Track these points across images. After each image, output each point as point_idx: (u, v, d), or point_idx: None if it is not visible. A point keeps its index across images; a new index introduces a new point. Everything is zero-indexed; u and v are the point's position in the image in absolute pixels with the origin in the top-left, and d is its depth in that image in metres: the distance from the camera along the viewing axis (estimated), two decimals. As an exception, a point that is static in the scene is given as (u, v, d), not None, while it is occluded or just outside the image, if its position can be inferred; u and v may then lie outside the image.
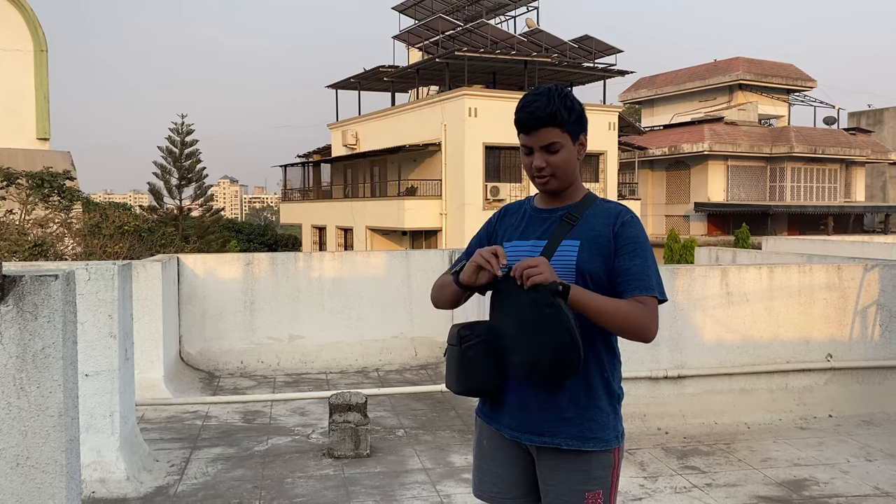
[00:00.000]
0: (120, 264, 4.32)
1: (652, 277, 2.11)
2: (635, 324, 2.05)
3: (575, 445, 2.09)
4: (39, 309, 2.48)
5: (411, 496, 4.34)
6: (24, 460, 2.49)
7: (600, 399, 2.12)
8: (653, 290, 2.10)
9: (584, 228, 2.15)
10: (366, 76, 32.10)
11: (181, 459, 4.94)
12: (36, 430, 2.50)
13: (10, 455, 2.48)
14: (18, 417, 2.48)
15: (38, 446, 2.50)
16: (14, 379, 2.47)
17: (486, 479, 2.30)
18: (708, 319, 5.88)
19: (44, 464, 2.51)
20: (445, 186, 26.96)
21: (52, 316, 2.50)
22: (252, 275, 7.91)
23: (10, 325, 2.47)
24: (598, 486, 2.11)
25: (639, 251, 2.12)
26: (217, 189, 62.94)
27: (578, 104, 2.18)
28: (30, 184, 16.62)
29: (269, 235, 38.68)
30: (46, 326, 2.49)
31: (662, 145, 36.78)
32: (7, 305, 2.45)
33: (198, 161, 32.12)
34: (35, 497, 2.51)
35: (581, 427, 2.09)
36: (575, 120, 2.16)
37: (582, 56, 30.25)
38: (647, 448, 5.20)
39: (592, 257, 2.11)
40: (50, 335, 2.50)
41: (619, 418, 2.17)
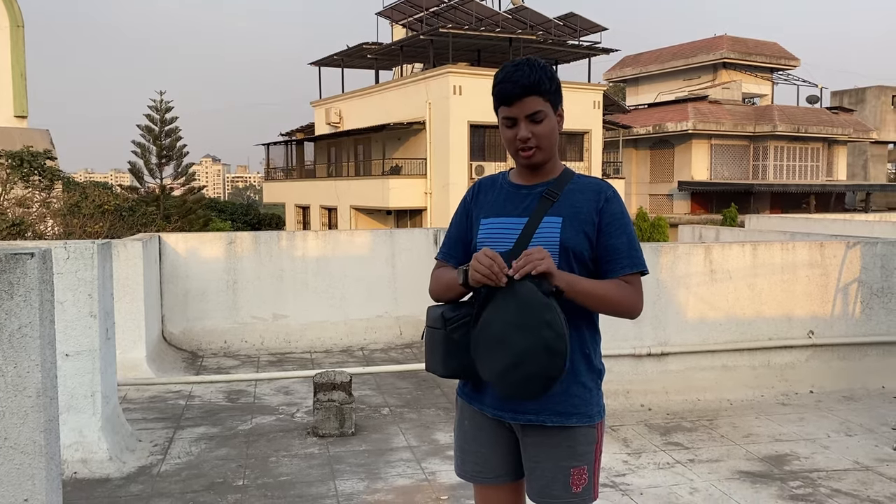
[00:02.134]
0: (99, 243, 4.25)
1: (638, 253, 2.13)
2: (625, 305, 2.09)
3: (559, 422, 2.09)
4: (15, 288, 2.44)
5: (396, 474, 4.34)
6: (2, 441, 2.46)
7: (581, 374, 2.12)
8: (640, 266, 2.13)
9: (566, 205, 2.13)
10: (349, 53, 31.77)
11: (164, 439, 4.91)
12: (14, 411, 2.46)
13: (-12, 436, 2.44)
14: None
15: (16, 427, 2.46)
16: (-10, 359, 2.43)
17: (468, 459, 2.28)
18: (691, 297, 5.90)
19: (22, 444, 2.47)
20: (430, 165, 26.85)
21: (28, 295, 2.45)
22: (235, 254, 7.84)
23: (-16, 304, 2.42)
24: (583, 461, 2.12)
25: (624, 227, 2.13)
26: (199, 168, 62.32)
27: (556, 76, 2.18)
28: (10, 163, 16.37)
29: (253, 215, 38.43)
30: (23, 305, 2.45)
31: (647, 124, 36.82)
32: (-19, 284, 2.40)
33: (178, 139, 31.77)
34: (14, 478, 2.48)
35: (564, 403, 2.09)
36: (555, 90, 2.15)
37: (567, 34, 30.10)
38: (631, 425, 5.23)
39: (575, 234, 2.09)
40: (26, 314, 2.45)
41: (601, 394, 2.18)
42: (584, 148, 28.81)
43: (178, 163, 31.88)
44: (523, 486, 2.28)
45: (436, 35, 26.94)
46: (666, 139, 36.73)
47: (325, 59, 33.21)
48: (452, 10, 28.73)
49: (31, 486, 2.49)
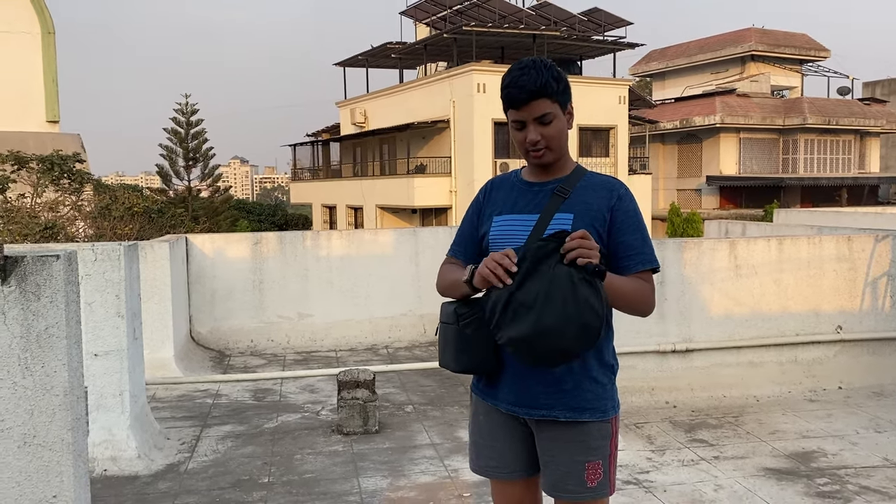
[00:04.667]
0: (126, 245, 4.33)
1: (650, 250, 2.15)
2: (644, 303, 2.12)
3: (572, 417, 2.11)
4: (42, 289, 2.49)
5: (419, 471, 4.37)
6: (30, 439, 2.52)
7: (593, 370, 2.12)
8: (654, 263, 2.14)
9: (577, 201, 2.14)
10: (373, 53, 31.88)
11: (192, 437, 4.99)
12: (42, 409, 2.52)
13: (17, 434, 2.50)
14: (24, 397, 2.50)
15: (44, 425, 2.53)
16: (19, 359, 2.49)
17: (483, 454, 2.30)
18: (716, 292, 5.85)
19: (51, 442, 2.53)
20: (455, 163, 26.87)
21: (54, 296, 2.51)
22: (261, 254, 7.93)
23: (13, 306, 2.48)
24: (598, 456, 2.12)
25: (637, 224, 2.15)
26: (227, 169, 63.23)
27: (564, 75, 2.17)
28: (40, 167, 16.70)
29: (280, 215, 38.76)
30: (49, 306, 2.50)
31: (674, 118, 36.44)
32: (10, 286, 2.47)
33: (204, 141, 32.12)
34: (43, 475, 2.54)
35: (577, 398, 2.10)
36: (563, 90, 2.15)
37: (591, 29, 29.91)
38: (655, 422, 5.20)
39: (587, 230, 2.06)
40: (53, 315, 2.51)
41: (614, 389, 2.19)
42: (609, 143, 28.62)
43: (205, 164, 32.25)
44: (538, 482, 2.29)
45: (459, 33, 26.94)
46: (693, 133, 36.33)
47: (350, 60, 33.37)
48: (476, 8, 28.69)
49: (60, 483, 2.55)
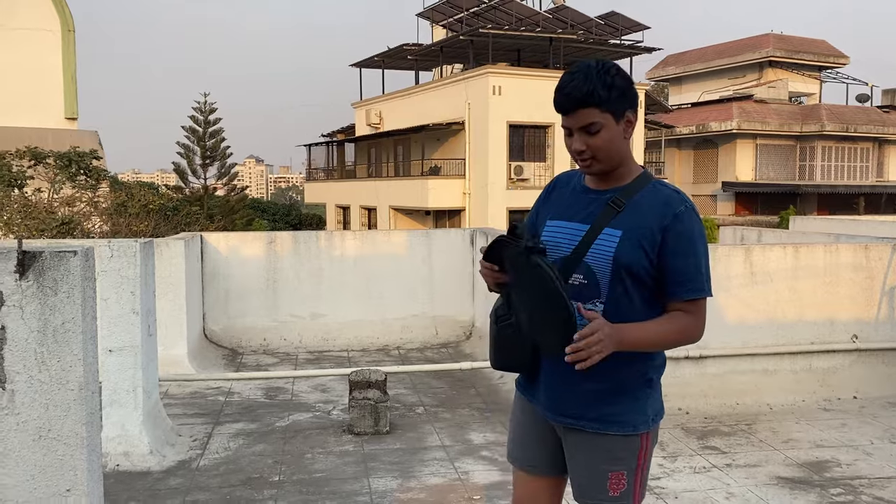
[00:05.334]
0: (142, 242, 4.36)
1: (703, 277, 2.03)
2: (681, 339, 2.04)
3: (598, 429, 2.08)
4: (59, 284, 2.52)
5: (429, 472, 4.37)
6: (45, 432, 2.54)
7: (625, 383, 2.07)
8: (702, 292, 2.02)
9: (630, 216, 2.02)
10: (389, 55, 31.97)
11: (204, 434, 5.02)
12: (57, 403, 2.54)
13: (33, 427, 2.53)
14: (40, 390, 2.53)
15: (59, 419, 2.55)
16: (35, 353, 2.52)
17: (516, 443, 2.33)
18: (731, 299, 5.81)
19: (65, 436, 2.55)
20: (469, 166, 26.88)
21: (71, 291, 2.53)
22: (275, 253, 7.96)
23: (30, 301, 2.50)
24: (622, 466, 2.08)
25: (692, 248, 2.01)
26: (242, 168, 63.66)
27: (621, 80, 2.01)
28: (57, 163, 16.86)
29: (294, 215, 38.92)
30: (66, 301, 2.53)
31: (690, 123, 36.30)
32: (28, 280, 2.49)
33: (221, 140, 32.32)
34: (57, 469, 2.56)
35: (605, 411, 2.07)
36: (616, 97, 1.99)
37: (608, 33, 29.85)
38: (667, 428, 5.17)
39: (633, 249, 2.00)
40: (70, 310, 2.53)
41: (650, 402, 2.11)
42: (624, 148, 28.51)
43: (222, 163, 32.44)
44: (563, 485, 2.31)
45: (476, 35, 26.96)
46: (710, 139, 36.16)
47: (366, 61, 33.48)
48: (492, 11, 28.70)
49: (73, 477, 2.57)
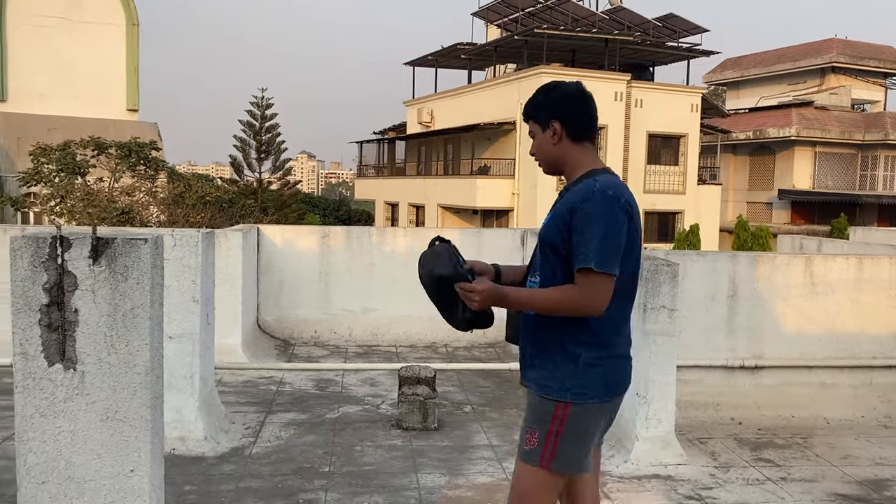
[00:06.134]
0: (204, 232, 4.46)
1: (592, 250, 2.25)
2: (565, 306, 2.30)
3: (528, 386, 2.46)
4: (130, 270, 2.59)
5: (477, 471, 4.37)
6: (112, 413, 2.62)
7: (547, 350, 2.39)
8: (586, 262, 2.25)
9: (559, 204, 2.41)
10: (443, 53, 32.03)
11: (256, 423, 5.11)
12: (124, 386, 2.61)
13: (101, 408, 2.61)
14: (109, 373, 2.60)
15: (125, 401, 2.62)
16: (105, 336, 2.59)
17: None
18: (789, 309, 5.68)
19: (131, 418, 2.63)
20: (519, 166, 26.77)
21: (141, 278, 2.60)
22: (328, 247, 8.06)
23: (102, 285, 2.58)
24: (536, 426, 2.37)
25: (587, 225, 2.27)
26: (295, 163, 64.31)
27: (544, 96, 2.46)
28: (118, 153, 17.36)
29: (344, 210, 39.32)
30: (136, 287, 2.60)
31: (747, 129, 35.50)
32: (100, 266, 2.57)
33: (277, 135, 32.80)
34: (122, 449, 2.64)
35: (532, 372, 2.44)
36: (540, 111, 2.46)
37: (666, 35, 29.40)
38: (720, 438, 5.08)
39: (552, 230, 2.37)
40: (139, 296, 2.60)
41: (569, 375, 2.34)
42: (679, 152, 28.07)
43: (276, 158, 32.93)
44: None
45: (530, 35, 26.83)
46: (767, 145, 35.31)
47: (420, 60, 33.61)
48: (548, 11, 28.52)
49: (137, 458, 2.64)
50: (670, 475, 4.36)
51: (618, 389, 2.41)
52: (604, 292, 2.26)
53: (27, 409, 2.59)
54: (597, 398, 2.34)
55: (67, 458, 2.61)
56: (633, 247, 2.37)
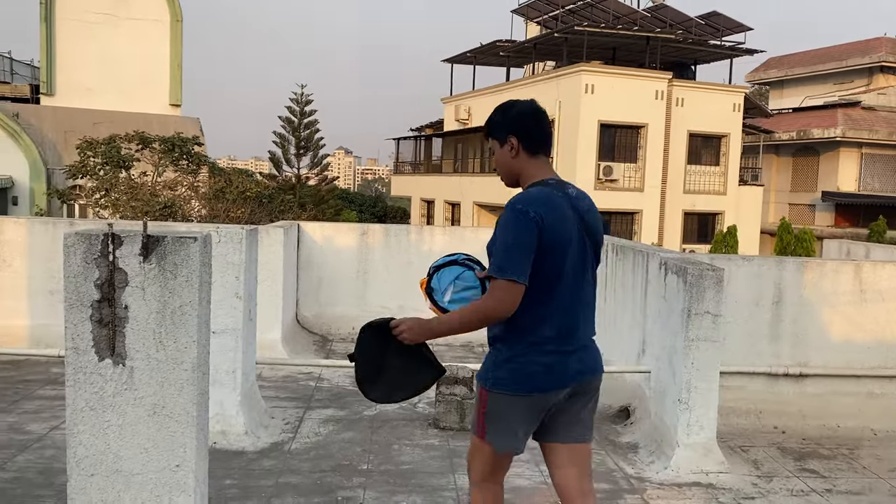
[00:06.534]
0: (248, 229, 4.51)
1: (497, 259, 2.48)
2: (477, 317, 2.52)
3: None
4: (179, 268, 2.62)
5: (514, 474, 4.34)
6: (160, 409, 2.65)
7: (490, 349, 2.67)
8: (492, 271, 2.49)
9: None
10: (482, 51, 31.96)
11: (295, 418, 5.15)
12: (171, 382, 2.65)
13: (149, 403, 2.64)
14: (157, 369, 2.64)
15: (172, 397, 2.65)
16: (154, 333, 2.63)
17: None
18: (837, 316, 5.54)
19: (177, 414, 2.66)
20: (556, 164, 26.58)
21: (190, 276, 2.63)
22: (367, 245, 8.10)
23: (152, 282, 2.62)
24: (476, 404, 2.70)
25: (497, 234, 2.52)
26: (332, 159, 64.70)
27: (499, 115, 2.69)
28: (162, 147, 17.67)
29: (380, 207, 39.46)
30: (185, 285, 2.63)
31: (790, 129, 34.79)
32: (150, 263, 2.60)
33: (315, 131, 33.03)
34: (168, 444, 2.67)
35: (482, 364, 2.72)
36: (496, 128, 2.67)
37: (708, 33, 28.93)
38: (762, 446, 4.99)
39: (492, 239, 2.58)
40: (188, 293, 2.63)
41: (493, 367, 2.61)
42: (720, 152, 27.63)
43: (314, 153, 33.17)
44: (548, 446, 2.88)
45: (570, 33, 26.63)
46: (811, 146, 34.56)
47: (458, 57, 33.58)
48: (589, 8, 28.25)
49: (183, 454, 2.67)
50: (711, 483, 4.29)
51: (532, 387, 2.55)
52: (506, 297, 2.44)
53: (78, 403, 2.63)
54: (507, 390, 2.56)
55: (115, 452, 2.66)
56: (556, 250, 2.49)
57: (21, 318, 6.75)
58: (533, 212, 2.45)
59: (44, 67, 26.12)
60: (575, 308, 2.58)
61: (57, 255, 6.81)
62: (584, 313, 2.63)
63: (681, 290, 4.46)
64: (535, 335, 2.54)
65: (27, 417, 4.94)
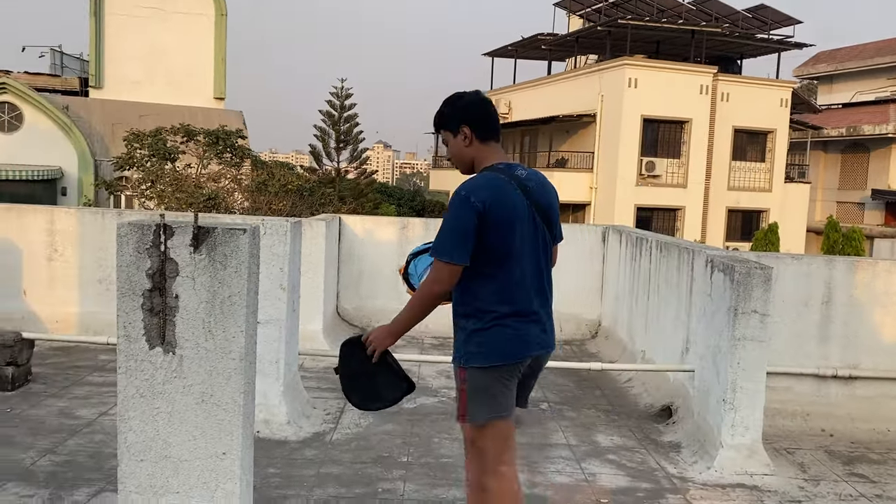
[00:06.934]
0: (292, 221, 4.55)
1: (436, 241, 2.70)
2: (421, 300, 2.81)
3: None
4: (228, 259, 2.65)
5: (555, 470, 4.33)
6: (208, 397, 2.69)
7: (456, 325, 2.83)
8: (431, 253, 2.75)
9: None
10: (523, 44, 31.78)
11: (336, 409, 5.20)
12: (220, 371, 2.68)
13: (197, 391, 2.68)
14: (206, 358, 2.67)
15: (220, 385, 2.69)
16: (203, 322, 2.66)
17: None
18: (889, 318, 5.39)
19: (225, 402, 2.69)
20: (598, 159, 26.35)
21: (239, 267, 2.66)
22: (406, 238, 8.11)
23: (202, 273, 2.65)
24: (455, 385, 2.84)
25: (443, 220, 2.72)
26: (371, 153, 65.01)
27: (452, 106, 2.82)
28: (206, 140, 17.94)
29: (418, 201, 39.53)
30: (234, 276, 2.66)
31: (840, 125, 33.91)
32: (201, 254, 2.64)
33: (355, 125, 33.24)
34: (216, 432, 2.71)
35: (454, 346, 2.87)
36: (448, 120, 2.83)
37: (756, 27, 28.34)
38: (809, 449, 4.88)
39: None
40: (237, 284, 2.66)
41: (465, 345, 2.76)
42: (766, 148, 27.08)
43: (354, 147, 33.39)
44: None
45: (614, 26, 26.32)
46: (861, 142, 33.64)
47: (499, 50, 33.43)
48: (633, 1, 27.89)
49: (230, 441, 2.71)
50: (756, 485, 4.21)
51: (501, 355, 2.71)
52: (442, 277, 2.68)
53: (129, 390, 2.68)
54: (481, 363, 2.71)
55: (164, 438, 2.70)
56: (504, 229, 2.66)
57: (72, 306, 6.92)
58: (474, 197, 2.63)
59: (93, 61, 26.70)
60: (529, 282, 2.75)
61: (106, 244, 6.97)
62: (539, 287, 2.79)
63: (727, 288, 4.38)
64: (494, 310, 2.71)
65: (77, 403, 5.07)
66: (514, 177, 2.74)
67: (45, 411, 4.87)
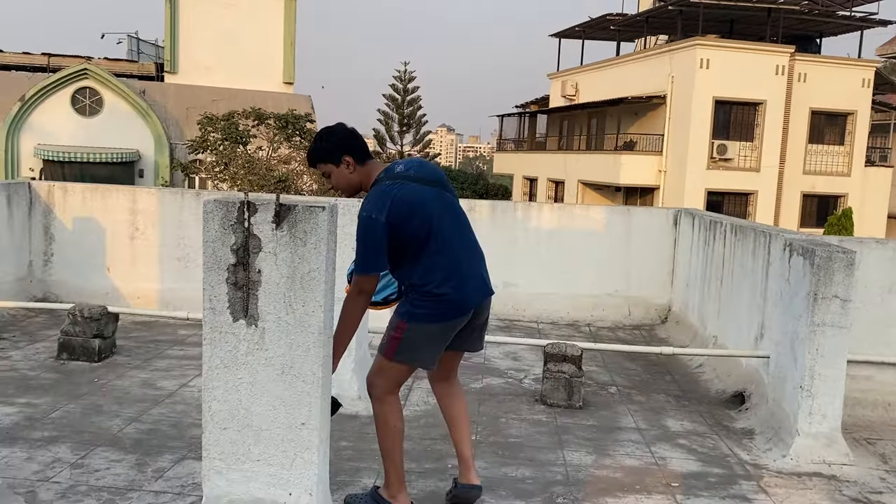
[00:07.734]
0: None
1: (357, 260, 3.10)
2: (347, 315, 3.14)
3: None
4: (308, 236, 2.72)
5: (624, 453, 4.30)
6: (288, 369, 2.78)
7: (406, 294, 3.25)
8: (350, 268, 3.20)
9: None
10: (591, 25, 31.24)
11: (405, 387, 5.25)
12: (299, 344, 2.77)
13: (278, 363, 2.78)
14: (286, 331, 2.76)
15: (300, 358, 2.78)
16: (284, 296, 2.75)
17: None
18: (980, 307, 5.14)
19: (304, 374, 2.78)
20: (667, 142, 25.77)
21: (318, 243, 2.73)
22: (473, 221, 8.09)
23: (283, 248, 2.73)
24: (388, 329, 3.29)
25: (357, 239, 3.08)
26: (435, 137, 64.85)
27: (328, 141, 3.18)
28: (276, 124, 18.31)
29: (481, 184, 39.47)
30: (313, 252, 2.73)
31: (926, 106, 32.24)
32: (282, 231, 2.72)
33: (418, 108, 33.42)
34: (295, 403, 2.80)
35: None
36: (328, 154, 3.18)
37: (837, 4, 27.14)
38: (891, 440, 4.72)
39: None
40: (316, 260, 2.74)
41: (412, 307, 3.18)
42: (846, 130, 25.98)
43: (417, 130, 33.61)
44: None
45: (685, 5, 25.61)
46: (949, 124, 31.94)
47: (566, 31, 32.97)
48: (705, -21, 27.03)
49: (308, 412, 2.80)
50: (834, 475, 4.10)
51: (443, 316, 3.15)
52: (362, 286, 3.09)
53: (213, 360, 2.79)
54: (425, 322, 3.15)
55: (247, 408, 2.81)
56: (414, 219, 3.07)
57: (153, 282, 7.20)
58: (375, 214, 3.00)
59: (168, 47, 27.50)
60: (456, 245, 3.18)
61: (184, 223, 7.21)
62: (464, 244, 3.23)
63: (807, 272, 4.25)
64: (432, 283, 3.12)
65: (158, 375, 5.29)
66: (396, 176, 3.13)
67: (129, 382, 5.10)
